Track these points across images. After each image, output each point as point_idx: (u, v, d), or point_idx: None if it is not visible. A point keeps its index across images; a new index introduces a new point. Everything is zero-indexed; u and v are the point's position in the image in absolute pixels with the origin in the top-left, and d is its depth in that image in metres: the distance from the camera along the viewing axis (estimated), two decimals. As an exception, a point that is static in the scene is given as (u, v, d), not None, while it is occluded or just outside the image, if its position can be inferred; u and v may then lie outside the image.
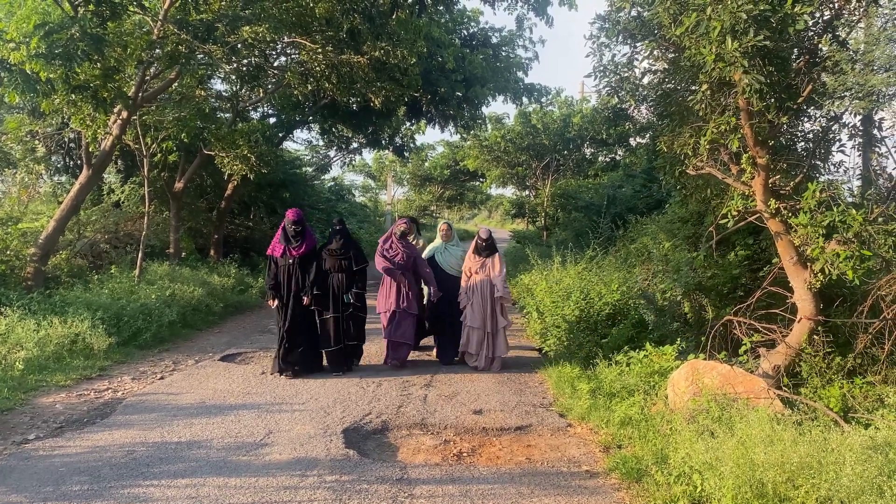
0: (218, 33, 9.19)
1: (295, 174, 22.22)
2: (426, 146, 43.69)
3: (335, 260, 8.67)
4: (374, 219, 38.70)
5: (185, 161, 15.85)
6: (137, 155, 13.72)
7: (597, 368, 8.13)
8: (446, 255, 9.63)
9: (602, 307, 9.40)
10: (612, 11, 7.64)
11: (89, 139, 10.79)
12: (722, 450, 4.41)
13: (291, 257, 8.57)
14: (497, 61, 17.83)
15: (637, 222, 14.37)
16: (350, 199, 32.06)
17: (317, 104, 17.55)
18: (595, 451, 5.75)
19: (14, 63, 8.06)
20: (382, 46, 11.72)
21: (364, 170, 46.04)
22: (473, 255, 9.17)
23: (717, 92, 6.50)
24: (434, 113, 18.55)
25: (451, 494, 4.79)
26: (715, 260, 9.06)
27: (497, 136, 26.42)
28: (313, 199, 23.78)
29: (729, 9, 5.58)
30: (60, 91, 8.96)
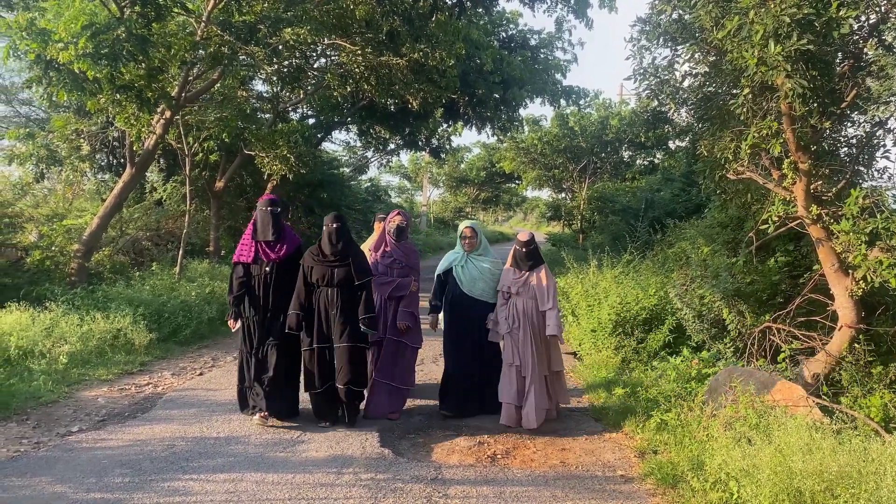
0: (260, 35, 9.32)
1: (333, 175, 22.39)
2: (462, 148, 43.85)
3: (326, 269, 6.28)
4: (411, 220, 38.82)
5: (226, 160, 16.06)
6: (179, 154, 13.95)
7: (632, 373, 8.10)
8: (469, 269, 6.93)
9: (639, 311, 9.35)
10: (653, 14, 7.60)
11: (133, 138, 11.01)
12: (759, 457, 4.37)
13: (269, 262, 6.43)
14: (535, 63, 17.80)
15: (675, 226, 14.25)
16: (386, 200, 32.19)
17: (355, 105, 17.68)
18: (630, 455, 5.73)
19: (62, 63, 8.25)
20: (421, 48, 11.78)
21: (400, 171, 46.23)
22: (513, 269, 6.71)
23: (758, 96, 6.44)
24: (471, 115, 18.57)
25: (485, 495, 4.81)
26: (755, 266, 8.97)
27: (534, 138, 26.36)
28: (350, 199, 23.93)
29: (772, 13, 5.53)
30: (106, 90, 9.14)
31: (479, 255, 7.02)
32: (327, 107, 17.63)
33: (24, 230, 11.68)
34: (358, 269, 6.36)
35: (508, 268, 6.77)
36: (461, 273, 6.94)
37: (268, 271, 6.44)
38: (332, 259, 6.31)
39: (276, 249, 6.47)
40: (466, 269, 6.95)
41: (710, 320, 8.70)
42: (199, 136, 13.82)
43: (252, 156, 14.69)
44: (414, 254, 7.15)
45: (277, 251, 6.46)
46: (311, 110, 19.21)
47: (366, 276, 6.41)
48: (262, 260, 6.45)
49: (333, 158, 24.58)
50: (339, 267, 6.31)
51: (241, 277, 6.47)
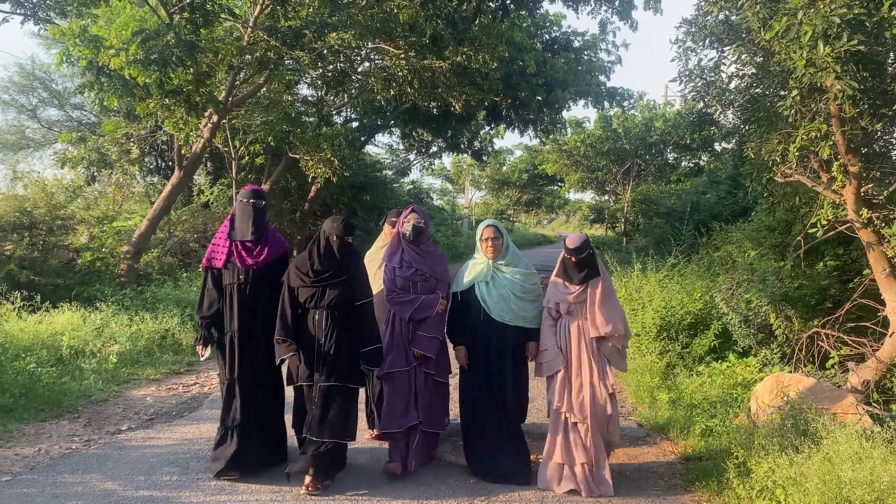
0: (305, 40, 9.42)
1: (375, 177, 22.57)
2: (505, 150, 43.68)
3: (314, 290, 4.93)
4: (452, 222, 38.88)
5: (272, 163, 16.27)
6: (226, 157, 14.19)
7: (677, 379, 8.01)
8: (497, 285, 5.38)
9: (683, 316, 9.25)
10: (699, 15, 7.53)
11: (181, 142, 11.22)
12: (807, 465, 4.29)
13: (245, 268, 5.13)
14: (579, 65, 17.71)
15: (721, 230, 14.06)
16: (428, 202, 32.29)
17: (398, 108, 17.78)
18: (675, 462, 5.67)
19: (113, 69, 8.45)
20: (464, 51, 11.80)
21: (442, 173, 46.30)
22: (561, 282, 5.28)
23: (807, 97, 6.34)
24: (514, 117, 18.55)
25: (528, 499, 4.82)
26: (803, 270, 8.82)
27: (576, 140, 26.24)
28: (393, 201, 24.08)
29: (821, 13, 5.44)
30: (155, 95, 9.34)
31: (507, 263, 5.43)
32: (371, 110, 17.75)
33: (76, 232, 11.97)
34: (357, 286, 5.05)
35: (556, 280, 5.30)
36: (486, 291, 5.39)
37: (241, 280, 5.11)
38: (325, 275, 4.92)
39: (255, 253, 5.15)
40: (494, 285, 5.39)
41: (756, 325, 8.58)
42: (245, 139, 14.04)
43: (297, 159, 14.86)
44: (440, 260, 5.67)
45: (256, 255, 5.15)
46: (354, 114, 19.36)
47: (368, 294, 5.13)
48: (236, 265, 5.14)
49: (376, 161, 24.74)
50: (331, 287, 4.92)
51: (211, 293, 5.21)
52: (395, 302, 5.51)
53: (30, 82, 18.48)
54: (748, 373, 7.47)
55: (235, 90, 11.69)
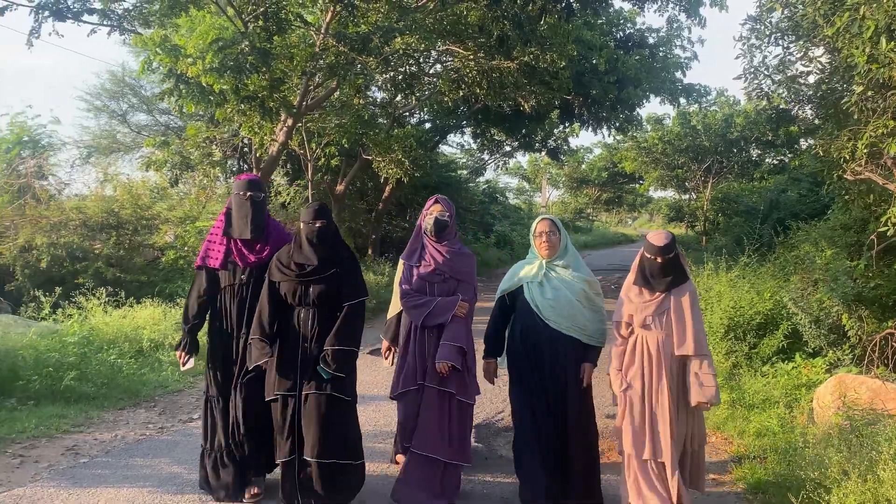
0: (372, 45, 9.67)
1: (450, 177, 22.82)
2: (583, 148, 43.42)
3: (297, 285, 4.45)
4: (529, 221, 38.84)
5: (347, 165, 16.67)
6: (302, 159, 14.64)
7: (741, 379, 7.92)
8: (551, 287, 4.64)
9: (753, 316, 9.12)
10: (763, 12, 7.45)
11: (256, 145, 11.65)
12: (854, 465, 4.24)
13: (245, 267, 4.69)
14: (654, 62, 17.52)
15: (798, 229, 13.73)
16: (503, 202, 32.37)
17: (471, 109, 17.96)
18: (726, 460, 5.65)
19: (191, 76, 8.86)
20: (532, 51, 11.87)
21: (519, 172, 46.27)
22: (639, 289, 4.38)
23: (874, 94, 6.22)
24: (587, 115, 18.48)
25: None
26: (880, 270, 8.59)
27: (654, 138, 25.89)
28: (467, 201, 24.30)
29: (884, 7, 5.36)
30: (231, 101, 9.73)
31: (565, 265, 4.69)
32: (442, 111, 17.98)
33: (160, 231, 12.54)
34: (348, 282, 4.53)
35: (632, 286, 4.40)
36: (538, 293, 4.63)
37: (243, 279, 4.66)
38: (309, 269, 4.43)
39: (258, 249, 4.69)
40: (547, 286, 4.64)
41: (827, 326, 8.40)
42: (321, 141, 14.45)
43: (370, 160, 15.20)
44: (466, 261, 5.02)
45: (259, 251, 4.68)
46: (427, 114, 19.63)
47: (360, 294, 4.57)
48: (237, 264, 4.69)
49: (451, 161, 24.99)
50: (316, 282, 4.43)
51: (202, 296, 4.75)
52: (407, 305, 4.92)
53: (120, 88, 19.45)
54: (814, 374, 7.34)
55: (309, 95, 12.05)
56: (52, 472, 5.22)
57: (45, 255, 10.70)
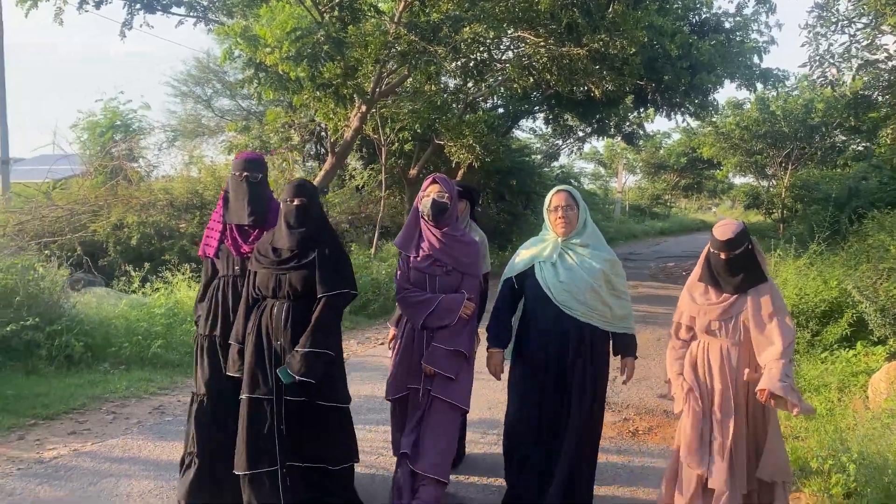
0: (442, 34, 9.98)
1: (522, 162, 22.94)
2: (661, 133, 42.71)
3: (272, 272, 3.93)
4: (604, 207, 38.64)
5: (420, 149, 17.06)
6: (376, 144, 15.10)
7: (801, 366, 7.97)
8: (564, 267, 4.06)
9: (818, 304, 9.12)
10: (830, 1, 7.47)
11: (331, 131, 12.13)
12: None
13: (240, 257, 4.18)
14: (730, 46, 17.27)
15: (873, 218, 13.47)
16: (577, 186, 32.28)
17: (543, 94, 18.08)
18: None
19: (269, 65, 9.35)
20: (601, 38, 11.96)
21: (595, 157, 45.92)
22: (706, 288, 3.80)
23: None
24: (660, 101, 18.38)
25: (612, 463, 5.17)
26: (952, 258, 8.49)
27: (732, 124, 25.43)
28: (539, 186, 24.39)
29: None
30: (307, 88, 10.20)
31: (583, 244, 4.08)
32: (515, 96, 18.15)
33: (241, 213, 13.18)
34: (327, 271, 3.89)
35: (696, 282, 3.83)
36: (551, 275, 4.04)
37: (236, 271, 4.17)
38: (286, 256, 3.91)
39: (252, 238, 4.16)
40: (561, 267, 4.04)
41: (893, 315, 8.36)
42: (394, 127, 14.89)
43: (442, 145, 15.55)
44: (470, 249, 4.36)
45: (253, 242, 4.13)
46: (500, 100, 19.83)
47: (339, 285, 3.91)
48: (230, 253, 4.20)
49: (524, 146, 25.09)
50: (294, 269, 3.89)
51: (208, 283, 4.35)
52: (405, 302, 4.32)
53: (205, 75, 20.33)
54: (873, 362, 7.35)
55: (383, 82, 12.44)
56: (140, 427, 5.82)
57: (135, 233, 11.46)
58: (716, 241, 3.66)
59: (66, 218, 11.76)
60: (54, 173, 13.99)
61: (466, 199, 4.97)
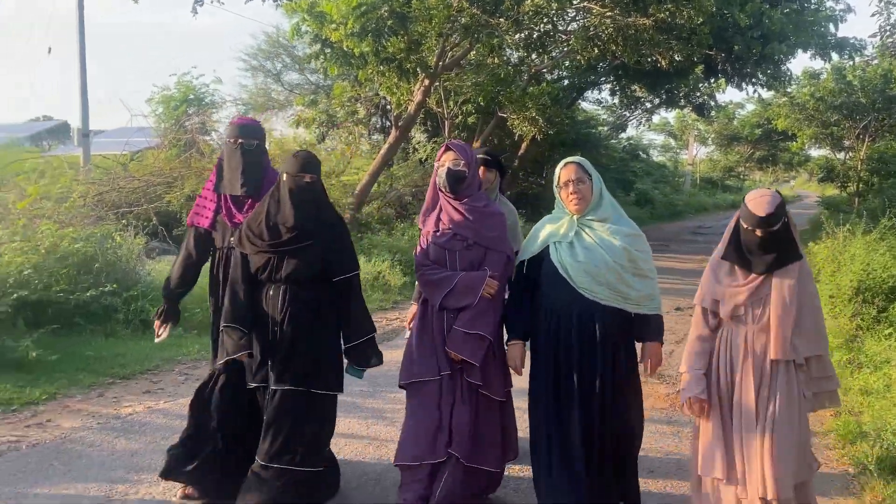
0: (504, 6, 10.03)
1: (589, 134, 22.83)
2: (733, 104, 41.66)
3: (269, 256, 3.69)
4: (673, 180, 38.04)
5: (483, 122, 17.14)
6: (439, 117, 15.25)
7: (864, 343, 7.86)
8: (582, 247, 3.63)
9: (885, 279, 8.95)
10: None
11: (394, 104, 12.33)
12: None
13: (233, 229, 3.93)
14: (804, 14, 16.75)
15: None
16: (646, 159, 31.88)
17: (610, 65, 17.90)
18: (826, 414, 5.80)
19: (334, 41, 9.58)
20: (667, 7, 11.81)
21: (665, 128, 45.10)
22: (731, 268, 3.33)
23: None
24: (730, 71, 17.99)
25: (662, 431, 5.29)
26: None
27: (806, 95, 24.69)
28: (606, 158, 24.22)
29: None
30: (371, 63, 10.40)
31: (601, 219, 3.66)
32: (580, 68, 18.02)
33: (308, 184, 13.56)
34: (335, 254, 3.75)
35: (720, 261, 3.36)
36: (567, 255, 3.62)
37: (233, 243, 3.84)
38: (285, 237, 3.64)
39: (247, 208, 3.94)
40: (578, 246, 3.62)
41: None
42: (458, 100, 15.00)
43: (506, 117, 15.60)
44: (495, 221, 3.94)
45: (247, 211, 3.92)
46: (565, 72, 19.72)
47: (352, 267, 3.84)
48: (226, 225, 4.01)
49: (591, 118, 24.91)
50: (295, 251, 3.66)
51: (189, 259, 4.11)
52: (423, 280, 3.94)
53: (275, 49, 20.74)
54: (938, 338, 7.23)
55: (446, 55, 12.56)
56: (210, 388, 6.15)
57: (207, 204, 11.89)
58: (751, 217, 3.16)
59: (143, 189, 12.27)
60: (131, 146, 14.57)
61: (495, 168, 4.48)
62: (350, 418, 5.38)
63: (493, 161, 4.47)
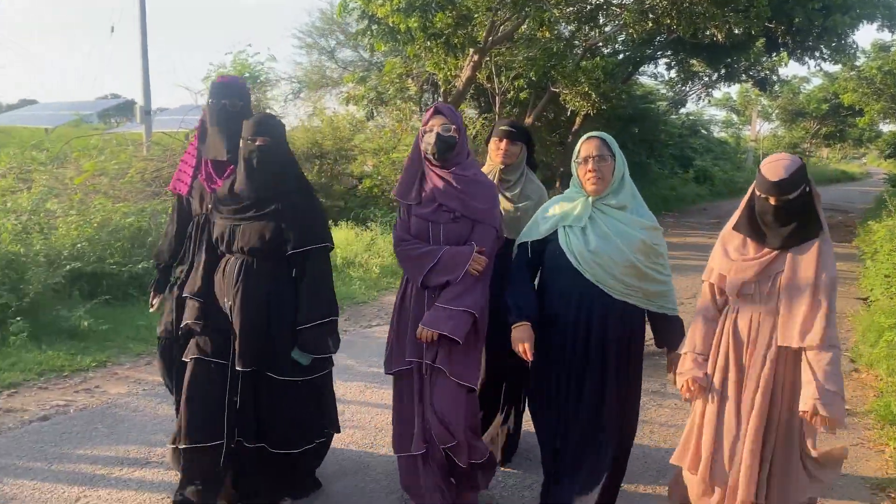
0: (552, -20, 9.94)
1: (647, 109, 22.45)
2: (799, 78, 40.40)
3: (228, 222, 3.48)
4: (735, 156, 37.19)
5: (536, 97, 17.00)
6: (490, 93, 15.18)
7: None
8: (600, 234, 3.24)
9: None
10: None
11: (440, 80, 12.34)
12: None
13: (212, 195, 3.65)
14: (873, -17, 16.14)
15: None
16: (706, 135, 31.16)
17: (667, 39, 17.54)
18: (869, 395, 5.68)
19: (380, 17, 9.62)
20: (722, -21, 11.55)
21: (727, 104, 43.98)
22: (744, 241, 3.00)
23: None
24: (791, 44, 17.45)
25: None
26: None
27: (874, 68, 23.82)
28: (665, 134, 23.81)
29: None
30: (419, 39, 10.42)
31: (620, 205, 3.29)
32: (636, 41, 17.70)
33: (358, 161, 13.67)
34: (295, 223, 3.44)
35: (732, 233, 3.06)
36: (578, 241, 3.25)
37: (210, 209, 3.62)
38: (245, 204, 3.43)
39: (227, 174, 3.64)
40: (591, 233, 3.25)
41: None
42: (509, 75, 14.90)
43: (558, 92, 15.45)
44: (483, 191, 3.51)
45: (228, 177, 3.61)
46: (621, 46, 19.39)
47: (311, 240, 3.48)
48: (204, 190, 3.74)
49: (649, 92, 24.46)
50: (251, 220, 3.41)
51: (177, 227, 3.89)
52: (403, 256, 3.55)
53: (329, 26, 20.87)
54: None
55: (495, 30, 12.49)
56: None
57: (259, 183, 12.14)
58: (764, 182, 2.84)
59: (198, 166, 12.56)
60: (186, 123, 14.87)
61: (521, 142, 4.01)
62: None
63: (518, 133, 4.00)
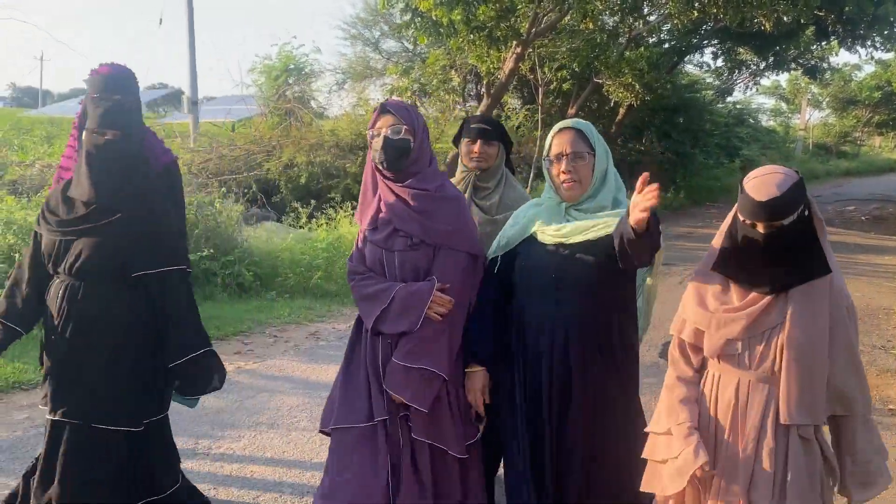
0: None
1: (692, 98, 22.16)
2: (850, 66, 39.47)
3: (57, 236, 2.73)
4: (783, 146, 36.52)
5: (579, 88, 16.93)
6: (533, 84, 15.17)
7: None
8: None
9: None
10: None
11: (483, 73, 12.37)
12: None
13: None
14: (927, -30, 15.72)
15: None
16: (754, 124, 30.59)
17: (713, 28, 17.31)
18: None
19: (423, 10, 9.69)
20: (770, -33, 11.37)
21: (776, 92, 43.14)
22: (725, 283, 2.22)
23: None
24: (842, 33, 17.10)
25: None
26: None
27: (925, 55, 23.23)
28: (710, 124, 23.47)
29: None
30: (462, 31, 10.46)
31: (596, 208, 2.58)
32: (682, 30, 17.50)
33: (402, 151, 13.80)
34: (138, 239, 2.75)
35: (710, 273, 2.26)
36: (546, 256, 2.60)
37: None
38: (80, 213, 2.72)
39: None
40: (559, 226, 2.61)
41: None
42: (552, 66, 14.87)
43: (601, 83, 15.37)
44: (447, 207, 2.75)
45: None
46: (666, 35, 19.18)
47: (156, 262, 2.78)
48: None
49: (695, 81, 24.14)
50: (85, 233, 2.72)
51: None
52: (355, 294, 2.83)
53: (373, 17, 20.96)
54: None
55: (538, 21, 12.46)
56: (296, 350, 6.50)
57: (304, 173, 12.33)
58: (749, 204, 2.07)
59: (244, 157, 12.80)
60: (233, 114, 15.17)
61: (497, 141, 3.38)
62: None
63: (493, 132, 3.38)
